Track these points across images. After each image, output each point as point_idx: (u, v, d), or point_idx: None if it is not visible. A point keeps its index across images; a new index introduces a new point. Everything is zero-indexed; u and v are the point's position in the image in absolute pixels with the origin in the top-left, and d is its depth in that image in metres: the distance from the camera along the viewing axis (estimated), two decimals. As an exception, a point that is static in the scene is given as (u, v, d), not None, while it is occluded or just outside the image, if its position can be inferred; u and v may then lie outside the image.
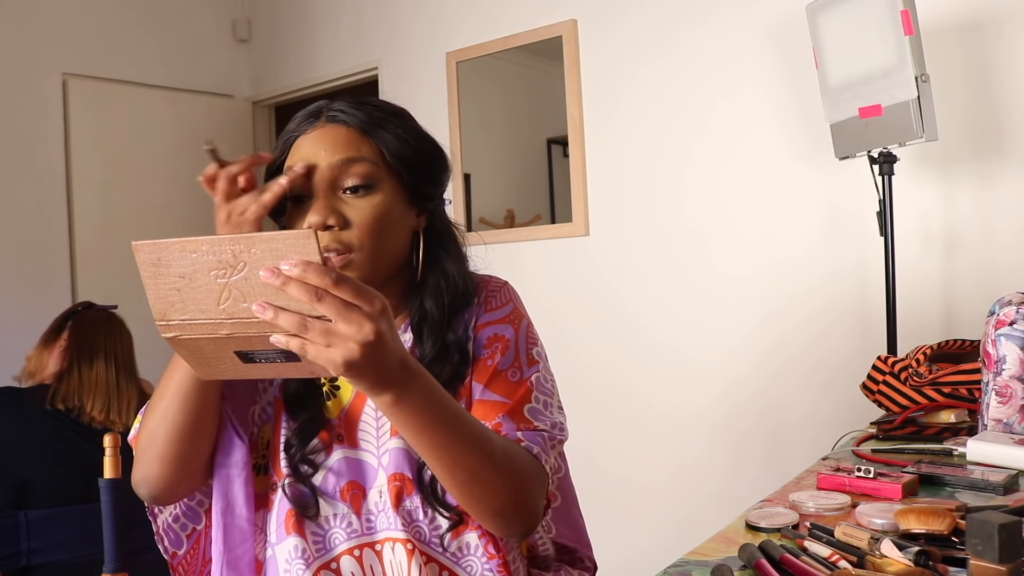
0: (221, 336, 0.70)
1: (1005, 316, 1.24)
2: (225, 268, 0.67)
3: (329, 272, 0.66)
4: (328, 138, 0.90)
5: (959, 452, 1.19)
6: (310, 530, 0.92)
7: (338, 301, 0.66)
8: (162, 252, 0.68)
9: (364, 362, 0.68)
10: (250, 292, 0.67)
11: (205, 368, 0.75)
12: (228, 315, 0.68)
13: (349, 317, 0.66)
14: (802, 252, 2.47)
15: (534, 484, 0.88)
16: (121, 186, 3.54)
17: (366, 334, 0.67)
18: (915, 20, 1.85)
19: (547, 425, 0.93)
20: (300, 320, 0.66)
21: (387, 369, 0.71)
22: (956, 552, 0.78)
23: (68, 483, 1.86)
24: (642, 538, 2.74)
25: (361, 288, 0.68)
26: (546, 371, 0.99)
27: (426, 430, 0.78)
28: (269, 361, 0.73)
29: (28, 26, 3.32)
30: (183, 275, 0.68)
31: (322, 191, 0.89)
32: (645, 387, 2.79)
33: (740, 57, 2.56)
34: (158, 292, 0.69)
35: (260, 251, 0.66)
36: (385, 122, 0.92)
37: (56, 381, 1.98)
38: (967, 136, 2.19)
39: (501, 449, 0.85)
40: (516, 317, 1.00)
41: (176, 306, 0.69)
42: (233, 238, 0.66)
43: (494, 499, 0.83)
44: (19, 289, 3.21)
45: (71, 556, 1.82)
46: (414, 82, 3.35)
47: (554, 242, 3.00)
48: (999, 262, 2.15)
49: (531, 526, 0.89)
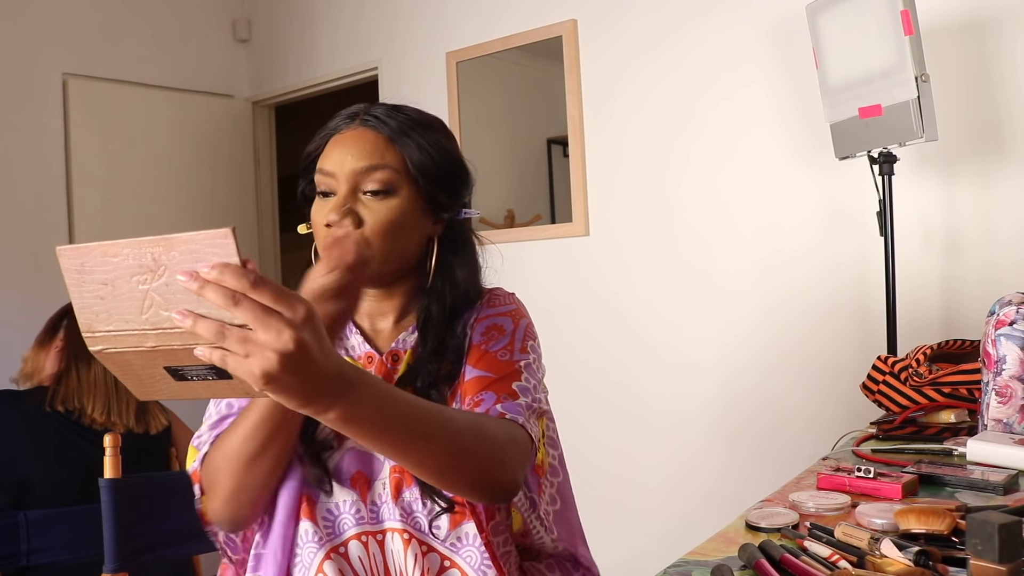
0: (147, 348, 0.64)
1: (1005, 316, 1.24)
2: (146, 273, 0.62)
3: (247, 274, 0.60)
4: (358, 142, 0.97)
5: (959, 452, 1.19)
6: (320, 515, 0.95)
7: (256, 306, 0.60)
8: (84, 257, 0.64)
9: (285, 374, 0.61)
10: (172, 299, 0.62)
11: (140, 386, 0.70)
12: (151, 325, 0.63)
13: (267, 324, 0.60)
14: (802, 252, 2.47)
15: (509, 451, 0.89)
16: (121, 186, 3.54)
17: (284, 342, 0.60)
18: (915, 20, 1.85)
19: (529, 399, 0.97)
20: (219, 328, 0.60)
21: (318, 382, 0.65)
22: (956, 552, 0.78)
23: (68, 484, 1.86)
24: (642, 538, 2.74)
25: (283, 292, 0.62)
26: (537, 364, 1.04)
27: (384, 435, 0.76)
28: (200, 378, 0.67)
29: (28, 26, 3.32)
30: (105, 282, 0.63)
31: (344, 191, 0.96)
32: (645, 387, 2.79)
33: (740, 57, 2.56)
34: (82, 301, 0.65)
35: (179, 253, 0.61)
36: (412, 132, 0.99)
37: (55, 383, 1.97)
38: (967, 136, 2.19)
39: (467, 427, 0.85)
40: (517, 315, 1.06)
41: (100, 316, 0.65)
42: (153, 240, 0.61)
43: (470, 476, 0.85)
44: (19, 289, 3.21)
45: (71, 556, 1.82)
46: (414, 82, 3.35)
47: (554, 242, 3.00)
48: (999, 262, 2.15)
49: (511, 491, 0.91)
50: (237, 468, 0.91)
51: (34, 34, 3.33)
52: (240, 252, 0.61)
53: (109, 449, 1.49)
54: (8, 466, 1.87)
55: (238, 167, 3.98)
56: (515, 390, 0.97)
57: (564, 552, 1.06)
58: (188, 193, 3.75)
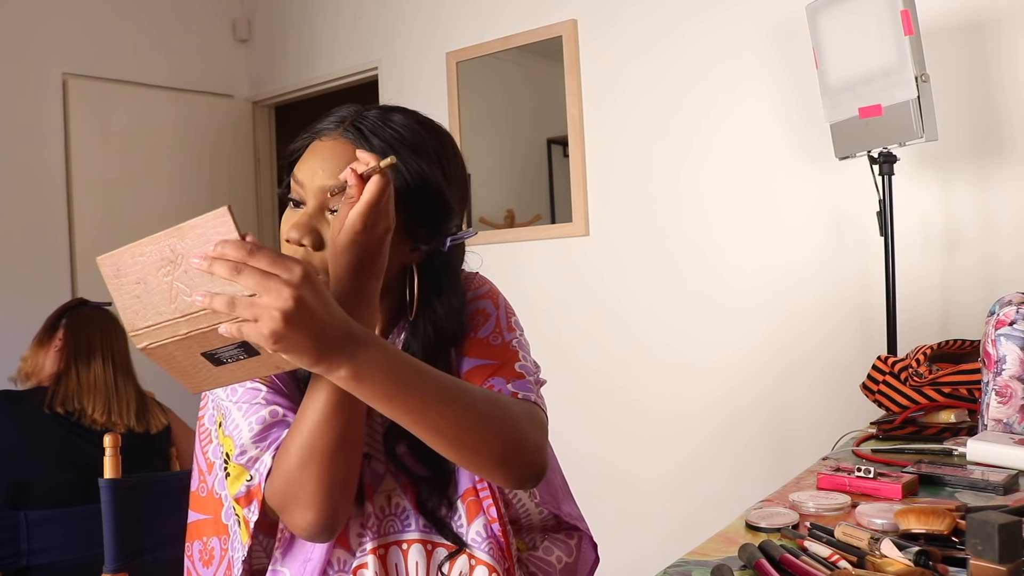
0: (183, 336, 0.70)
1: (1005, 316, 1.24)
2: (168, 265, 0.68)
3: (244, 245, 0.67)
4: (333, 156, 0.88)
5: (959, 452, 1.19)
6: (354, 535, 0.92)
7: (256, 272, 0.66)
8: (118, 261, 0.70)
9: (291, 331, 0.66)
10: (192, 284, 0.68)
11: (188, 379, 0.75)
12: (181, 313, 0.69)
13: (267, 286, 0.66)
14: (801, 252, 2.47)
15: (529, 425, 0.88)
16: (121, 186, 3.54)
17: (285, 300, 0.66)
18: (915, 20, 1.85)
19: (534, 377, 0.97)
20: (229, 299, 0.66)
21: (325, 338, 0.69)
22: (956, 552, 0.78)
23: (68, 484, 1.86)
24: (642, 539, 2.74)
25: (278, 256, 0.68)
26: (523, 335, 1.03)
27: (395, 396, 0.76)
28: (235, 360, 0.73)
29: (28, 25, 3.32)
30: (138, 280, 0.69)
31: (310, 208, 0.89)
32: (644, 388, 2.79)
33: (740, 56, 2.56)
34: (123, 303, 0.71)
35: (191, 239, 0.67)
36: (394, 151, 0.88)
37: (54, 383, 1.96)
38: (967, 136, 2.19)
39: (482, 397, 0.84)
40: (493, 293, 1.04)
41: (140, 313, 0.70)
42: (167, 233, 0.68)
43: (492, 448, 0.82)
44: (19, 289, 3.21)
45: (71, 557, 1.82)
46: (414, 82, 3.35)
47: (554, 242, 3.00)
48: (999, 262, 2.15)
49: (540, 468, 0.89)
50: (324, 467, 0.82)
51: (34, 34, 3.33)
52: (239, 227, 0.67)
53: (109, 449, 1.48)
54: (7, 467, 1.86)
55: (238, 167, 3.98)
56: (519, 371, 0.96)
57: (547, 515, 1.06)
58: (188, 193, 3.75)
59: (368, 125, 0.90)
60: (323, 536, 0.87)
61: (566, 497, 1.11)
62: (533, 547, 1.04)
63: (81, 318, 2.04)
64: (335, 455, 0.83)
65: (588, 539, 1.10)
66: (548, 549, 1.04)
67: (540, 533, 1.06)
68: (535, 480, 0.89)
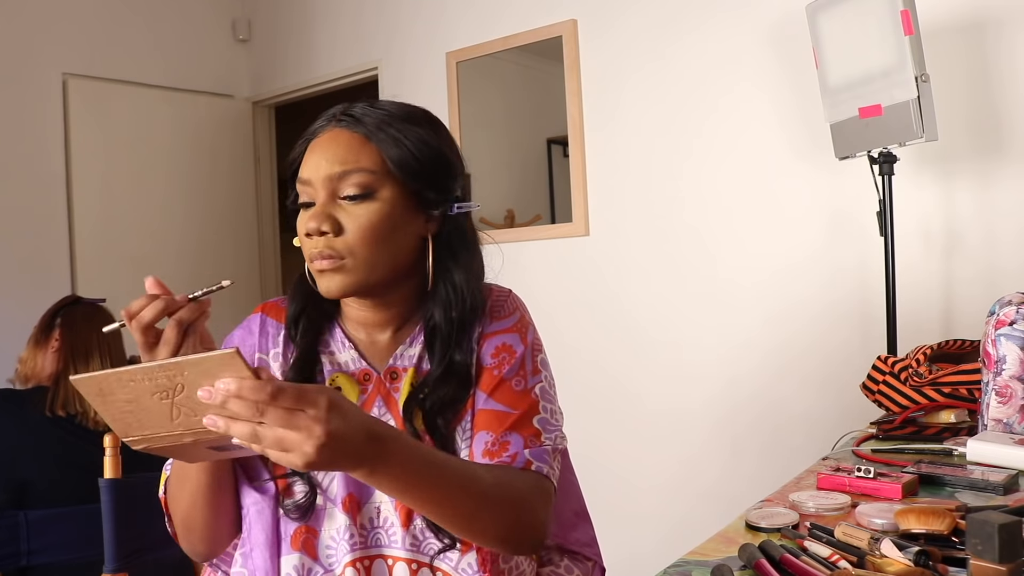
0: (188, 443, 0.71)
1: (1005, 316, 1.24)
2: (165, 391, 0.67)
3: (264, 387, 0.65)
4: (332, 145, 0.92)
5: (959, 452, 1.19)
6: (323, 545, 0.93)
7: (281, 411, 0.66)
8: (101, 384, 0.68)
9: (325, 459, 0.68)
10: (198, 407, 0.67)
11: (185, 457, 0.78)
12: (185, 428, 0.69)
13: (296, 424, 0.66)
14: (802, 252, 2.47)
15: (535, 504, 0.89)
16: (121, 186, 3.54)
17: (318, 437, 0.66)
18: (915, 20, 1.85)
19: (552, 438, 0.95)
20: (252, 430, 0.66)
21: (355, 452, 0.71)
22: (956, 552, 0.78)
23: (68, 484, 1.86)
24: (642, 538, 2.74)
25: (301, 392, 0.66)
26: (550, 378, 1.01)
27: (410, 490, 0.78)
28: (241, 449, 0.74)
29: (28, 26, 3.32)
30: (129, 400, 0.68)
31: (321, 199, 0.91)
32: (645, 387, 2.79)
33: (740, 57, 2.56)
34: (112, 415, 0.70)
35: (192, 374, 0.66)
36: (389, 127, 0.93)
37: (53, 384, 1.96)
38: (967, 136, 2.19)
39: (494, 483, 0.85)
40: (523, 326, 1.01)
41: (134, 425, 0.70)
42: (162, 365, 0.65)
43: (499, 529, 0.85)
44: (19, 289, 3.21)
45: (71, 557, 1.81)
46: (414, 82, 3.35)
47: (554, 242, 3.00)
48: (999, 262, 2.15)
49: (538, 543, 0.90)
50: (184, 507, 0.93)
51: (34, 34, 3.33)
52: (249, 365, 0.65)
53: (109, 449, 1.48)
54: (8, 468, 1.86)
55: (238, 167, 3.98)
56: (537, 428, 0.94)
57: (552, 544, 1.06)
58: (188, 193, 3.75)
59: (358, 111, 0.94)
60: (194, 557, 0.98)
61: (581, 523, 1.10)
62: (549, 562, 1.04)
63: (76, 317, 2.01)
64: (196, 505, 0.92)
65: (598, 568, 1.10)
66: (569, 568, 1.05)
67: (558, 552, 1.07)
68: (532, 550, 0.92)
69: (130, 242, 3.48)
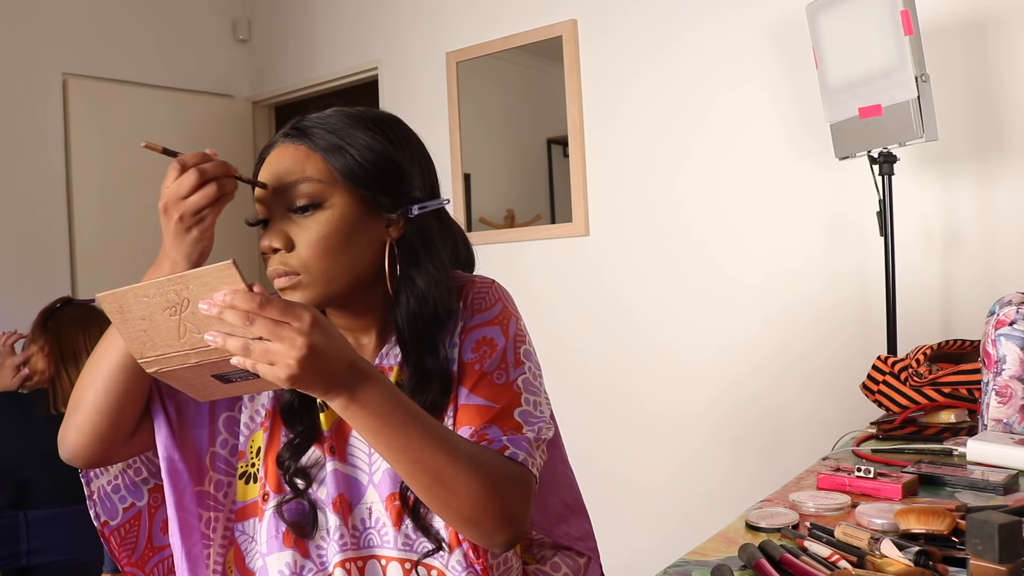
0: (193, 364, 0.76)
1: (1005, 316, 1.24)
2: (174, 306, 0.73)
3: (254, 296, 0.71)
4: (278, 160, 0.92)
5: (959, 452, 1.19)
6: (313, 544, 0.93)
7: (268, 322, 0.71)
8: (121, 300, 0.74)
9: (306, 374, 0.71)
10: (201, 323, 0.73)
11: (195, 392, 0.81)
12: (190, 346, 0.74)
13: (281, 335, 0.71)
14: (802, 252, 2.47)
15: (510, 490, 0.86)
16: (121, 186, 3.54)
17: (299, 348, 0.71)
18: (915, 20, 1.85)
19: (535, 429, 0.92)
20: (244, 343, 0.71)
21: (335, 374, 0.74)
22: (956, 552, 0.78)
23: (68, 484, 1.86)
24: (642, 538, 2.74)
25: (288, 306, 0.72)
26: (534, 369, 0.98)
27: (383, 431, 0.78)
28: (244, 379, 0.78)
29: (28, 26, 3.32)
30: (144, 317, 0.74)
31: (274, 214, 0.92)
32: (645, 387, 2.79)
33: (741, 56, 2.56)
34: (129, 335, 0.75)
35: (195, 287, 0.72)
36: (333, 135, 0.91)
37: (51, 385, 1.96)
38: (967, 136, 2.19)
39: (467, 453, 0.83)
40: (504, 317, 0.98)
41: (147, 345, 0.76)
42: (171, 279, 0.72)
43: (462, 504, 0.82)
44: (19, 289, 3.21)
45: (70, 557, 1.82)
46: (414, 82, 3.35)
47: (554, 242, 3.00)
48: (999, 262, 2.15)
49: (513, 534, 0.87)
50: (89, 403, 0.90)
51: (34, 34, 3.33)
52: (245, 278, 0.71)
53: (109, 449, 1.48)
54: (9, 468, 1.86)
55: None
56: (518, 421, 0.91)
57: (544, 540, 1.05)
58: (188, 193, 3.74)
59: (304, 123, 0.94)
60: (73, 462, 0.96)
61: (573, 516, 1.08)
62: (542, 560, 1.03)
63: (64, 319, 2.01)
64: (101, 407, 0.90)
65: (595, 563, 1.08)
66: (556, 565, 1.03)
67: (551, 549, 1.05)
68: (504, 546, 0.87)
69: (130, 242, 3.47)
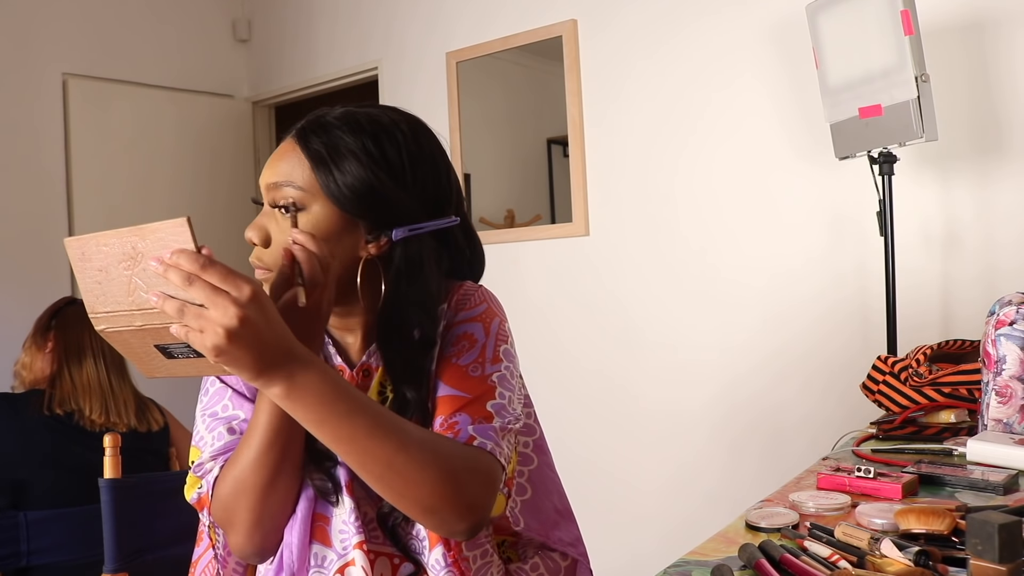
0: (137, 327, 0.73)
1: (1005, 316, 1.24)
2: (128, 260, 0.71)
3: (199, 258, 0.68)
4: (279, 156, 0.93)
5: (959, 452, 1.19)
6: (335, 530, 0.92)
7: (207, 286, 0.68)
8: (85, 247, 0.72)
9: (232, 347, 0.69)
10: (149, 282, 0.71)
11: (142, 364, 0.79)
12: (137, 306, 0.72)
13: (215, 302, 0.68)
14: (801, 252, 2.47)
15: (470, 477, 0.84)
16: (121, 186, 3.54)
17: (230, 317, 0.68)
18: (915, 20, 1.85)
19: (504, 422, 0.91)
20: (179, 306, 0.69)
21: (265, 356, 0.71)
22: (956, 552, 0.78)
23: (68, 485, 1.86)
24: (642, 539, 2.74)
25: (230, 273, 0.69)
26: (512, 368, 0.97)
27: (327, 421, 0.76)
28: (185, 356, 0.75)
29: (28, 26, 3.32)
30: (101, 268, 0.72)
31: (264, 208, 0.93)
32: (644, 388, 2.79)
33: (740, 57, 2.56)
34: (85, 285, 0.74)
35: (151, 241, 0.70)
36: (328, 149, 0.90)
37: (49, 386, 1.96)
38: (967, 136, 2.19)
39: (419, 440, 0.82)
40: (488, 316, 0.97)
41: (100, 299, 0.74)
42: (130, 230, 0.70)
43: (417, 492, 0.80)
44: (19, 289, 3.21)
45: (70, 557, 1.81)
46: (414, 82, 3.35)
47: (554, 242, 3.00)
48: (999, 262, 2.15)
49: (474, 522, 0.85)
50: (254, 500, 0.88)
51: (34, 34, 3.33)
52: (196, 239, 0.69)
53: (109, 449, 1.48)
54: (6, 470, 1.86)
55: (238, 167, 3.98)
56: (490, 412, 0.90)
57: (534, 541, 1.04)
58: (188, 193, 3.75)
59: (312, 129, 0.92)
60: (254, 559, 0.93)
61: (564, 521, 1.08)
62: (524, 559, 1.03)
63: (70, 317, 2.01)
64: (266, 490, 0.88)
65: (584, 566, 1.08)
66: (536, 565, 1.03)
67: (535, 548, 1.05)
68: (466, 535, 0.86)
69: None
